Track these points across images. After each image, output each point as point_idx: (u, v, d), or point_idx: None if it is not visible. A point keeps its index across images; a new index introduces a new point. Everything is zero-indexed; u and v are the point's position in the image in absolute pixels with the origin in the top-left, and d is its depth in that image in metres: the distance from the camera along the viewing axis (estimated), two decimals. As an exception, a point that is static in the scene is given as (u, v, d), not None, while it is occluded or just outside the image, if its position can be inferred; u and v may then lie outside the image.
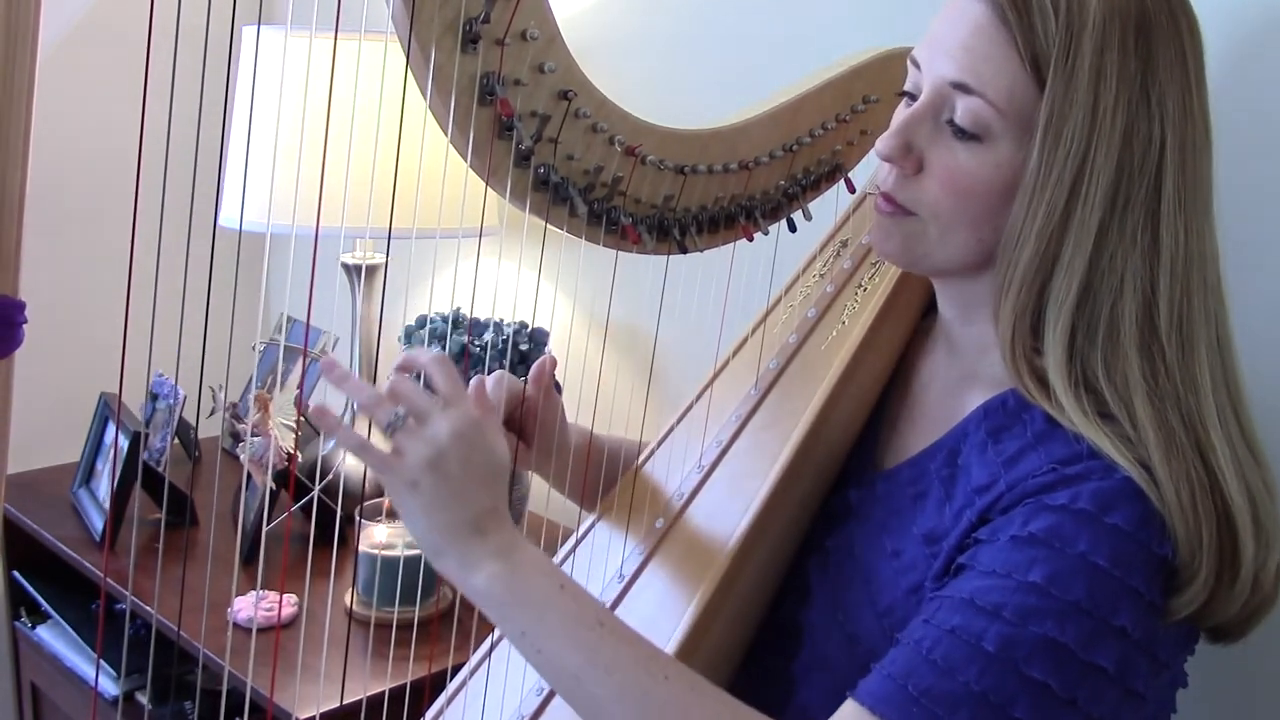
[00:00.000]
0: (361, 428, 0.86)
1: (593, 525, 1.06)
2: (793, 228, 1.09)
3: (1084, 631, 0.73)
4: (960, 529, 0.82)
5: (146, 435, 1.76)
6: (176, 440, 1.84)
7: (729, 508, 0.96)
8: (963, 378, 0.92)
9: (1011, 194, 0.81)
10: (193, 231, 0.81)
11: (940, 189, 0.84)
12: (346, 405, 1.79)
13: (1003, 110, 0.80)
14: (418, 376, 0.85)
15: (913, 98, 0.85)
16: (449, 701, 1.02)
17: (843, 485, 0.98)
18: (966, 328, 0.91)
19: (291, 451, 1.51)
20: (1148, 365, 0.79)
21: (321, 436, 1.79)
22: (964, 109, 0.81)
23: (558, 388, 1.32)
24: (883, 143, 0.85)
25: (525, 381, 1.02)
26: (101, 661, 1.66)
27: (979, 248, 0.84)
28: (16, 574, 1.82)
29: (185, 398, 1.76)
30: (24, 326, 0.76)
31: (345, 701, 1.26)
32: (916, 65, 0.85)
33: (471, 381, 0.93)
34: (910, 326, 1.03)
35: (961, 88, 0.81)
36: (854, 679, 0.77)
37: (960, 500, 0.84)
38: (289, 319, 1.87)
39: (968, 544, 0.80)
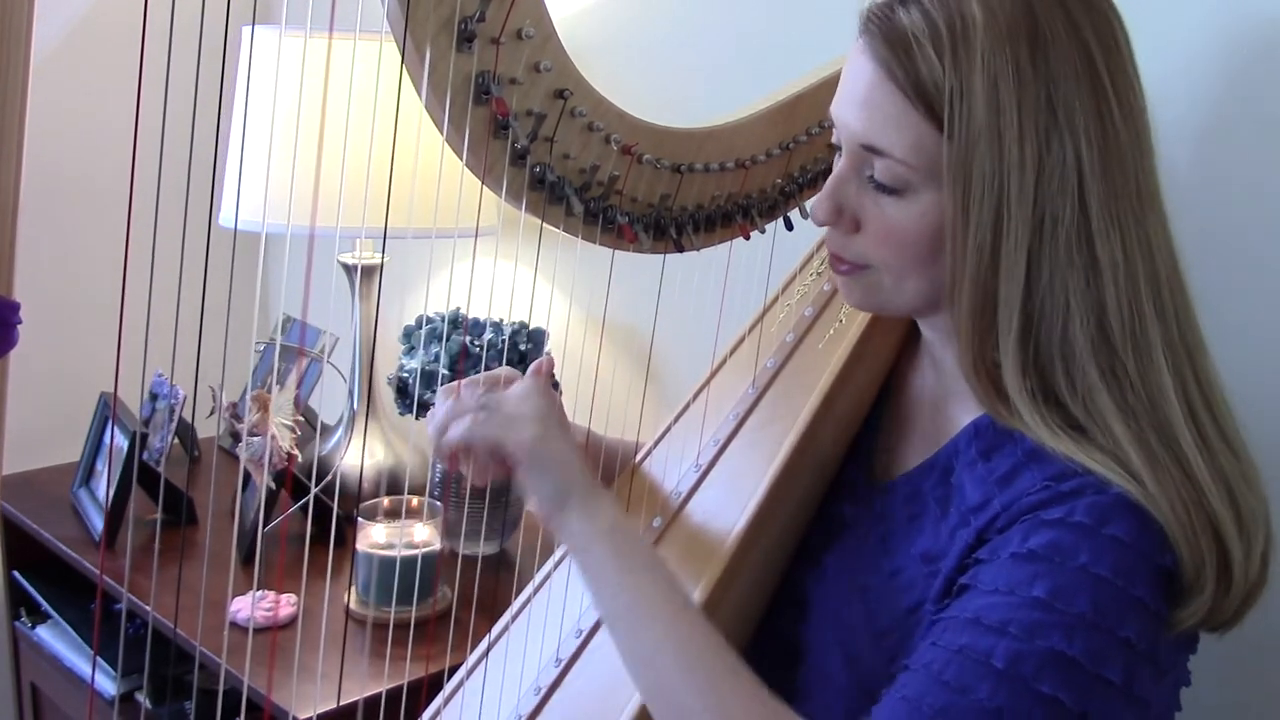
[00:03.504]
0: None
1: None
2: (789, 226, 1.09)
3: (1092, 644, 0.72)
4: (958, 549, 0.81)
5: (145, 435, 1.76)
6: (176, 440, 1.84)
7: (727, 506, 0.96)
8: (950, 394, 0.92)
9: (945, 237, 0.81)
10: (191, 231, 0.81)
11: (879, 244, 0.84)
12: (350, 402, 1.79)
13: (914, 165, 0.79)
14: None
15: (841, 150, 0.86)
16: (446, 701, 1.02)
17: (838, 496, 0.98)
18: (945, 350, 0.91)
19: (290, 451, 1.51)
20: (1114, 385, 0.78)
21: (318, 435, 1.79)
22: (880, 167, 0.81)
23: (556, 386, 1.32)
24: (817, 207, 0.86)
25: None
26: (101, 661, 1.66)
27: (933, 288, 0.84)
28: (16, 574, 1.82)
29: (185, 397, 1.76)
30: (19, 327, 0.76)
31: (343, 701, 1.26)
32: (835, 120, 0.85)
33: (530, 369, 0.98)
34: (907, 325, 1.03)
35: (871, 149, 0.81)
36: (854, 696, 0.78)
37: (955, 519, 0.84)
38: (288, 318, 1.87)
39: (967, 564, 0.80)
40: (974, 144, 0.76)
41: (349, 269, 1.70)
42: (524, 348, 1.51)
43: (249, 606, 1.42)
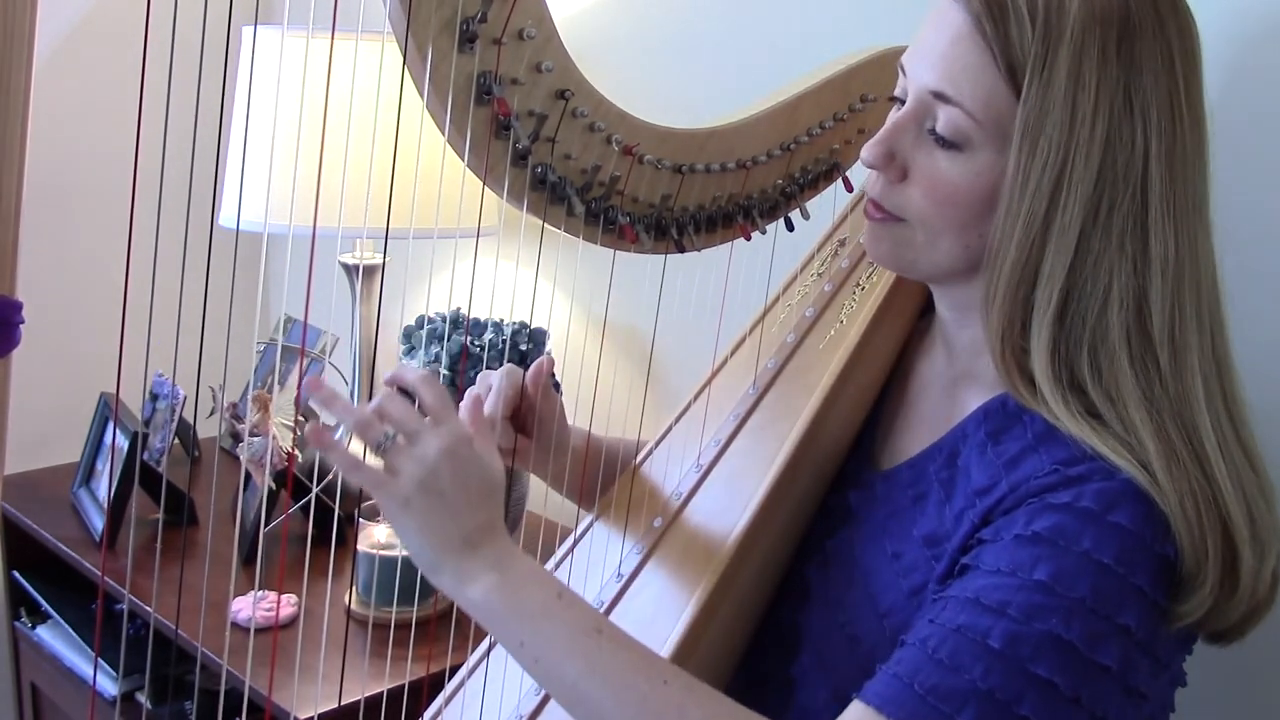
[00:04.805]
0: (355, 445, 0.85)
1: (591, 524, 1.06)
2: (790, 227, 1.09)
3: (1089, 629, 0.73)
4: (962, 531, 0.81)
5: (146, 435, 1.76)
6: (177, 440, 1.84)
7: (727, 507, 0.96)
8: (961, 378, 0.92)
9: (994, 202, 0.81)
10: (192, 231, 0.82)
11: (923, 196, 0.84)
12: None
13: (980, 120, 0.80)
14: (407, 395, 0.84)
15: (902, 103, 0.86)
16: (447, 702, 1.02)
17: (841, 486, 0.98)
18: (962, 330, 0.91)
19: (291, 451, 1.51)
20: (1142, 375, 0.78)
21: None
22: (944, 118, 0.81)
23: (556, 387, 1.32)
24: (867, 150, 0.86)
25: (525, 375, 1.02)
26: (101, 661, 1.66)
27: (966, 254, 0.84)
28: (16, 574, 1.82)
29: (185, 397, 1.76)
30: (21, 327, 0.76)
31: (344, 702, 1.26)
32: (903, 71, 0.86)
33: (466, 394, 0.94)
34: (908, 325, 1.03)
35: (940, 97, 0.81)
36: (854, 680, 0.77)
37: (960, 502, 0.84)
38: (289, 319, 1.87)
39: (971, 545, 0.80)
40: (1048, 111, 0.77)
41: (350, 269, 1.70)
42: (524, 348, 1.51)
43: (250, 607, 1.42)
